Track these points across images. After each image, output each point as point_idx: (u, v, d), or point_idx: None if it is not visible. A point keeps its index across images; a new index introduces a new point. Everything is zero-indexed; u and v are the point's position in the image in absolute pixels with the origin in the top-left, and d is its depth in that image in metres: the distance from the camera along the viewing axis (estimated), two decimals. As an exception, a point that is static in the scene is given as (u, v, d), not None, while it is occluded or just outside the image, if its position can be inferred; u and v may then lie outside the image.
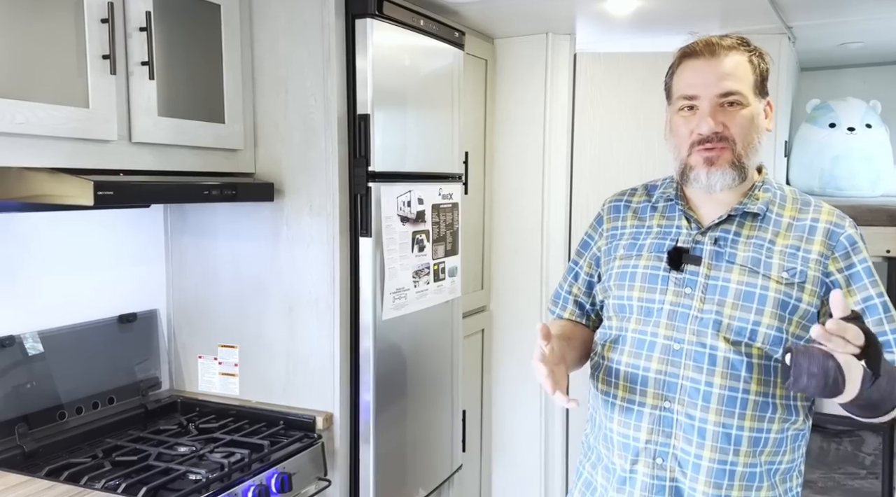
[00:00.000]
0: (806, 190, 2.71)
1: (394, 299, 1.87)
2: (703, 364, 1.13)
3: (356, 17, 1.73)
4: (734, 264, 1.15)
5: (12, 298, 1.60)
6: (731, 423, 1.12)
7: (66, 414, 1.65)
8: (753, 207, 1.17)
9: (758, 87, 1.17)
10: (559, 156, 2.52)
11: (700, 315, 1.14)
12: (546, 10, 2.22)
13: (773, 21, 2.24)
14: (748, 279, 1.13)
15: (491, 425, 2.66)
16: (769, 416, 1.13)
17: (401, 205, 1.89)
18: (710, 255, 1.17)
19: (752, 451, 1.13)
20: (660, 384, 1.16)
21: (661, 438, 1.17)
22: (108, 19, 1.38)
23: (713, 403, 1.12)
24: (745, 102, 1.14)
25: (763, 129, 1.18)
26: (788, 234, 1.16)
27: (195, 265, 1.93)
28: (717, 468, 1.13)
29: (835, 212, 1.18)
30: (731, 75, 1.14)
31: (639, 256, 1.23)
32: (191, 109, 1.61)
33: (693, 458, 1.14)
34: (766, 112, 1.20)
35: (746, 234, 1.17)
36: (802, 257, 1.14)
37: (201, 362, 1.94)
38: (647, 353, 1.18)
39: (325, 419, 1.75)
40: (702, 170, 1.16)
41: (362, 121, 1.76)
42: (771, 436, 1.13)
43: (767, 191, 1.19)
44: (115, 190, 1.34)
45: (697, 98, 1.15)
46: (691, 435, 1.14)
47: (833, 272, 1.14)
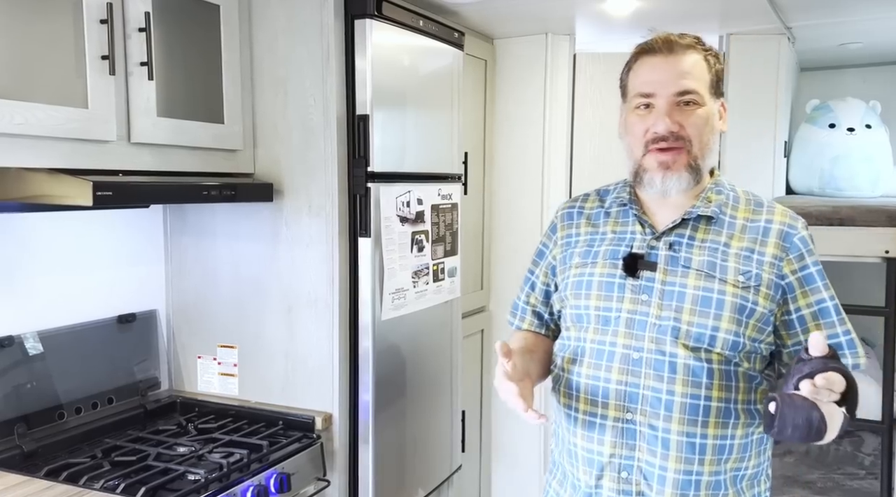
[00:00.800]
0: (806, 190, 2.72)
1: (393, 299, 1.88)
2: (664, 372, 1.11)
3: (355, 18, 1.73)
4: (690, 269, 1.13)
5: (12, 298, 1.60)
6: (694, 431, 1.10)
7: (65, 414, 1.66)
8: (707, 210, 1.15)
9: (713, 88, 1.15)
10: (559, 156, 2.53)
11: (658, 322, 1.12)
12: (545, 10, 2.22)
13: (772, 21, 2.24)
14: (705, 284, 1.11)
15: (490, 426, 2.66)
16: (732, 423, 1.11)
17: (400, 205, 1.89)
18: (665, 261, 1.14)
19: (717, 459, 1.11)
20: (621, 395, 1.14)
21: (625, 451, 1.14)
22: (107, 20, 1.38)
23: (676, 413, 1.10)
24: (702, 102, 1.12)
25: (717, 130, 1.16)
26: (743, 237, 1.14)
27: (194, 265, 1.93)
28: (683, 479, 1.11)
29: (788, 213, 1.17)
30: (689, 74, 1.12)
31: (594, 264, 1.20)
32: (190, 110, 1.61)
33: (658, 470, 1.12)
34: (721, 113, 1.18)
35: (701, 238, 1.14)
36: (757, 260, 1.12)
37: (200, 362, 1.95)
38: (607, 364, 1.15)
39: (324, 419, 1.75)
40: (657, 174, 1.14)
41: (361, 121, 1.76)
42: (735, 442, 1.12)
43: (720, 193, 1.18)
44: (114, 190, 1.34)
45: (654, 96, 1.13)
46: (655, 446, 1.12)
47: (787, 274, 1.12)
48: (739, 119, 2.47)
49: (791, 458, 2.43)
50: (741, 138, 2.47)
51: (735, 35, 2.44)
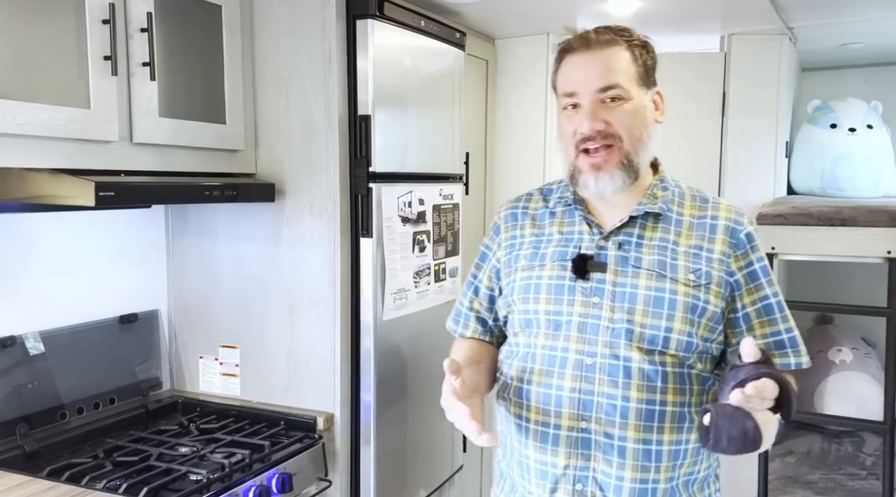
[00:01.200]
0: (807, 191, 2.72)
1: (394, 300, 1.88)
2: (619, 378, 1.07)
3: (357, 18, 1.73)
4: (640, 269, 1.09)
5: (14, 298, 1.61)
6: (650, 438, 1.07)
7: (67, 414, 1.66)
8: (654, 207, 1.12)
9: (642, 79, 1.11)
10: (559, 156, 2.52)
11: (611, 325, 1.08)
12: (546, 10, 2.22)
13: (774, 21, 2.24)
14: (656, 284, 1.08)
15: (492, 425, 2.66)
16: (687, 427, 1.08)
17: (401, 205, 1.89)
18: (615, 261, 1.11)
19: (673, 466, 1.09)
20: (575, 403, 1.09)
21: (580, 462, 1.10)
22: (109, 20, 1.38)
23: (632, 419, 1.06)
24: (627, 96, 1.09)
25: (651, 122, 1.12)
26: (691, 234, 1.11)
27: (196, 266, 1.93)
28: (640, 487, 1.08)
29: (733, 208, 1.15)
30: (610, 68, 1.08)
31: (542, 266, 1.15)
32: (192, 110, 1.61)
33: (614, 480, 1.08)
34: (657, 103, 1.14)
35: (650, 237, 1.12)
36: (706, 257, 1.10)
37: (202, 363, 1.95)
38: (559, 371, 1.10)
39: (325, 419, 1.75)
40: (590, 176, 1.10)
41: (363, 121, 1.76)
42: (689, 447, 1.09)
43: (666, 189, 1.15)
44: (116, 190, 1.35)
45: (577, 95, 1.09)
46: (611, 456, 1.08)
47: (735, 271, 1.10)
48: (741, 119, 2.47)
49: (792, 459, 2.43)
50: (743, 138, 2.47)
51: (736, 35, 2.44)
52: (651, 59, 1.13)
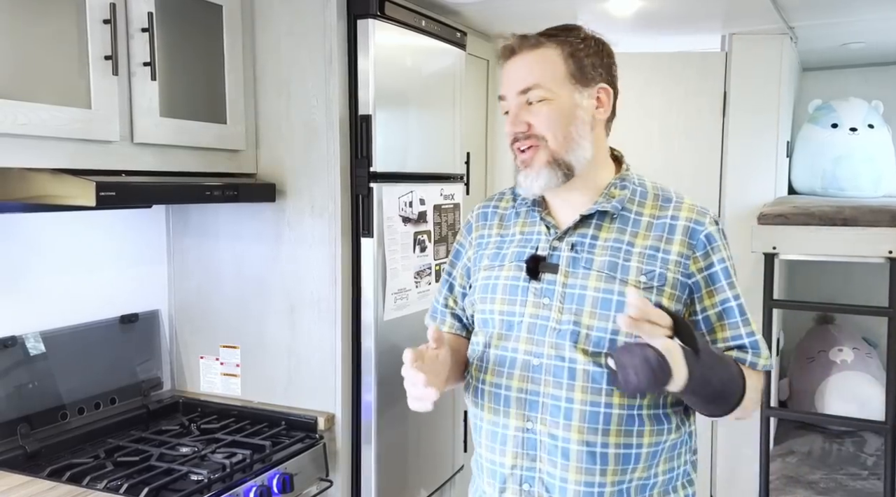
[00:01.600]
0: (808, 190, 2.72)
1: (395, 300, 1.87)
2: (563, 379, 1.06)
3: (358, 18, 1.73)
4: (591, 270, 1.08)
5: (15, 299, 1.61)
6: (595, 440, 1.05)
7: (68, 414, 1.66)
8: (607, 206, 1.10)
9: (574, 77, 1.08)
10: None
11: (558, 327, 1.08)
12: (547, 10, 2.22)
13: (775, 21, 2.23)
14: (605, 285, 1.06)
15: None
16: (637, 430, 1.06)
17: (402, 205, 1.89)
18: (567, 262, 1.10)
19: (622, 469, 1.06)
20: (521, 403, 1.09)
21: (526, 462, 1.10)
22: (110, 20, 1.38)
23: (575, 421, 1.05)
24: (551, 96, 1.07)
25: (584, 120, 1.09)
26: (648, 234, 1.09)
27: (197, 266, 1.93)
28: (585, 490, 1.06)
29: (696, 208, 1.11)
30: (531, 71, 1.08)
31: (501, 266, 1.15)
32: (192, 110, 1.61)
33: (559, 482, 1.07)
34: (601, 100, 1.10)
35: (604, 237, 1.10)
36: (662, 258, 1.07)
37: (203, 363, 1.95)
38: (509, 371, 1.11)
39: (326, 420, 1.75)
40: (520, 174, 1.11)
41: (364, 121, 1.76)
42: (643, 451, 1.07)
43: (625, 188, 1.12)
44: (117, 190, 1.35)
45: (506, 98, 1.12)
46: (555, 456, 1.07)
47: (694, 273, 1.08)
48: (742, 118, 2.47)
49: (793, 459, 2.43)
50: (744, 138, 2.47)
51: (737, 35, 2.43)
52: (591, 55, 1.10)
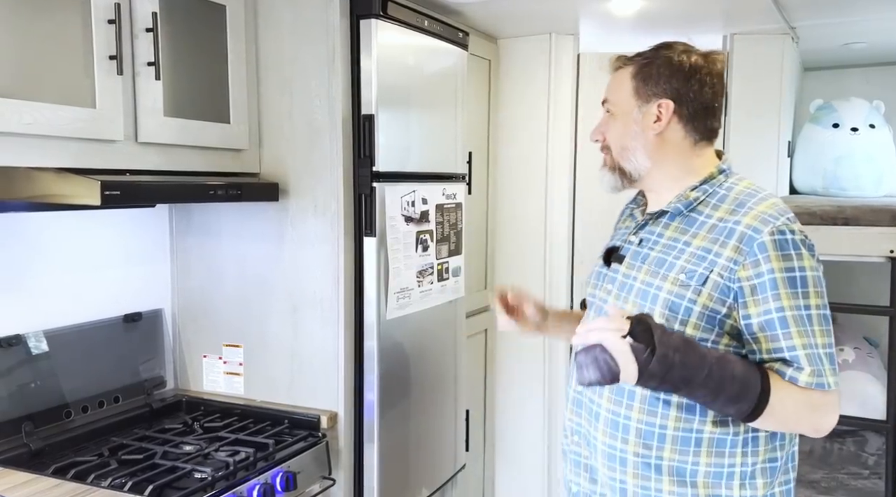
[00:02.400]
0: (809, 190, 2.72)
1: (398, 299, 1.88)
2: None
3: (360, 18, 1.74)
4: (643, 264, 1.20)
5: (18, 297, 1.61)
6: (619, 411, 1.19)
7: (71, 413, 1.66)
8: (672, 207, 1.19)
9: (636, 94, 1.20)
10: (562, 156, 2.53)
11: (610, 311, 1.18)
12: (549, 10, 2.22)
13: (776, 21, 2.24)
14: (649, 279, 1.17)
15: (494, 425, 2.67)
16: (661, 412, 1.14)
17: (405, 205, 1.90)
18: (631, 255, 1.24)
19: (643, 443, 1.16)
20: None
21: (575, 417, 1.30)
22: (114, 20, 1.39)
23: (605, 392, 1.21)
24: (616, 111, 1.24)
25: (638, 134, 1.21)
26: (707, 236, 1.14)
27: (200, 265, 1.94)
28: (609, 452, 1.21)
29: (761, 216, 1.11)
30: (609, 88, 1.26)
31: (600, 256, 1.34)
32: (196, 110, 1.61)
33: (592, 439, 1.25)
34: (658, 114, 1.19)
35: (668, 235, 1.19)
36: (711, 260, 1.11)
37: (206, 361, 1.95)
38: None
39: (329, 418, 1.76)
40: (600, 172, 1.29)
41: (367, 121, 1.77)
42: (667, 432, 1.13)
43: (703, 190, 1.18)
44: (122, 190, 1.35)
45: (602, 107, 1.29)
46: (591, 418, 1.25)
47: (741, 279, 1.09)
48: (743, 119, 2.47)
49: (795, 458, 2.43)
50: (745, 138, 2.48)
51: (738, 35, 2.44)
52: (655, 73, 1.19)
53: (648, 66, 1.20)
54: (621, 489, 1.19)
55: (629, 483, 1.17)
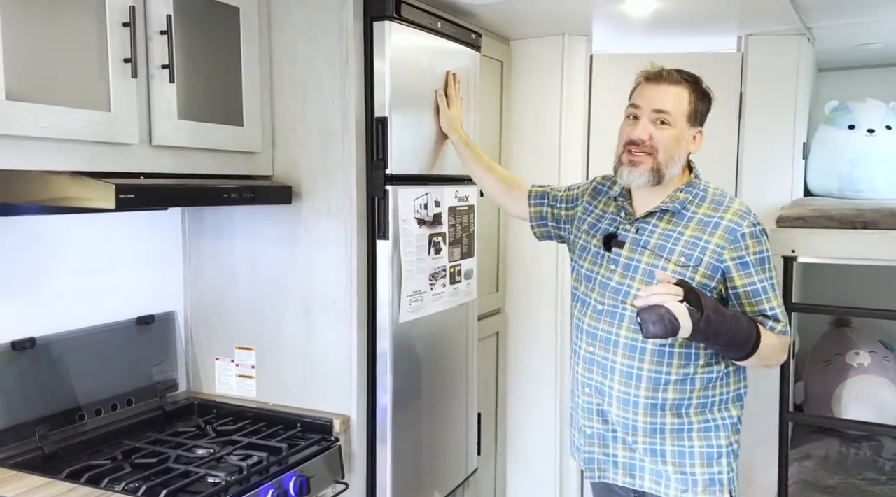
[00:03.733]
0: (825, 192, 2.69)
1: (410, 302, 1.87)
2: (615, 321, 1.50)
3: (374, 20, 1.73)
4: (646, 249, 1.47)
5: (32, 300, 1.61)
6: (632, 364, 1.47)
7: (85, 416, 1.66)
8: (670, 206, 1.47)
9: (690, 117, 1.45)
10: (575, 158, 2.51)
11: (617, 286, 1.49)
12: (563, 11, 2.21)
13: (792, 22, 2.21)
14: (653, 261, 1.46)
15: (506, 428, 2.65)
16: (667, 362, 1.45)
17: (418, 207, 1.89)
18: (631, 241, 1.50)
19: (653, 388, 1.46)
20: (589, 334, 1.54)
21: (588, 373, 1.55)
22: (129, 23, 1.38)
23: (620, 349, 1.49)
24: (673, 124, 1.43)
25: (686, 151, 1.48)
26: (696, 228, 1.45)
27: (212, 267, 1.94)
28: (623, 398, 1.49)
29: (740, 211, 1.45)
30: (668, 99, 1.43)
31: (594, 236, 1.58)
32: (210, 112, 1.61)
33: (607, 389, 1.51)
34: (696, 138, 1.48)
35: (662, 227, 1.48)
36: (702, 247, 1.43)
37: (218, 364, 1.95)
38: (584, 310, 1.57)
39: (342, 422, 1.75)
40: (626, 168, 1.46)
41: (380, 123, 1.76)
42: (671, 377, 1.45)
43: (688, 192, 1.48)
44: (137, 193, 1.35)
45: (640, 108, 1.45)
46: (605, 372, 1.51)
47: (727, 260, 1.42)
48: (758, 120, 2.45)
49: (810, 463, 2.41)
50: (760, 139, 2.45)
51: (754, 36, 2.42)
52: (704, 105, 1.47)
53: (702, 95, 1.46)
54: (633, 426, 1.49)
55: (640, 420, 1.48)
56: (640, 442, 1.50)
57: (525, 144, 2.55)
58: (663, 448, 1.49)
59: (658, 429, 1.48)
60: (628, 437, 1.52)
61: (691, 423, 1.48)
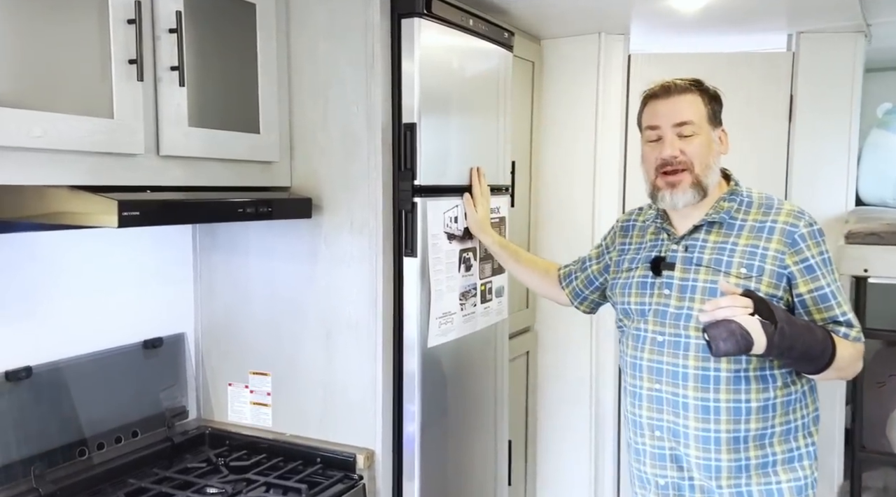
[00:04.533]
0: (878, 201, 2.51)
1: (439, 324, 1.71)
2: (679, 350, 1.37)
3: (402, 17, 1.58)
4: (701, 266, 1.37)
5: (29, 325, 1.47)
6: (707, 396, 1.35)
7: (86, 450, 1.52)
8: (716, 217, 1.39)
9: (710, 119, 1.39)
10: (611, 164, 2.35)
11: (676, 311, 1.39)
12: (602, 7, 2.05)
13: (852, 18, 2.05)
14: (712, 277, 1.35)
15: (536, 457, 2.49)
16: (744, 388, 1.33)
17: (447, 221, 1.73)
18: (681, 261, 1.40)
19: (734, 420, 1.34)
20: (651, 370, 1.42)
21: (655, 414, 1.41)
22: (135, 20, 1.24)
23: (690, 382, 1.36)
24: (699, 131, 1.37)
25: (718, 153, 1.40)
26: (750, 235, 1.36)
27: (225, 285, 1.79)
28: (703, 435, 1.35)
29: (793, 213, 1.36)
30: (685, 110, 1.37)
31: (636, 269, 1.48)
32: (223, 119, 1.47)
33: (682, 428, 1.37)
34: (721, 139, 1.42)
35: (713, 240, 1.38)
36: (761, 254, 1.33)
37: (231, 390, 1.80)
38: (641, 345, 1.44)
39: (366, 457, 1.60)
40: (666, 191, 1.38)
41: (408, 130, 1.61)
42: (752, 405, 1.34)
43: (732, 200, 1.40)
44: (142, 210, 1.20)
45: (660, 128, 1.38)
46: (677, 409, 1.38)
47: (789, 265, 1.33)
48: (810, 123, 2.28)
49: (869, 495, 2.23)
50: (812, 144, 2.29)
51: (806, 33, 2.25)
52: (717, 104, 1.41)
53: (712, 95, 1.40)
54: (715, 466, 1.35)
55: (723, 458, 1.34)
56: (725, 484, 1.36)
57: (558, 151, 2.39)
58: (749, 489, 1.35)
59: (742, 466, 1.35)
60: (710, 482, 1.37)
61: (775, 454, 1.36)
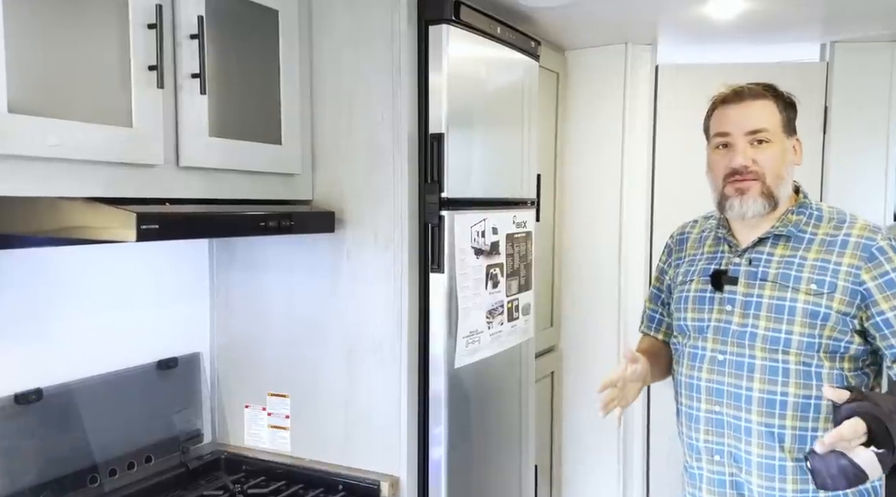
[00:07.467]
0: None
1: (467, 343, 1.64)
2: (743, 371, 1.29)
3: (430, 24, 1.52)
4: (766, 281, 1.29)
5: (40, 344, 1.40)
6: (773, 422, 1.26)
7: (98, 477, 1.44)
8: (783, 230, 1.31)
9: (785, 127, 1.30)
10: (639, 178, 2.28)
11: (739, 329, 1.30)
12: (628, 16, 1.99)
13: (889, 26, 1.98)
14: (778, 293, 1.27)
15: (561, 482, 2.39)
16: (812, 416, 1.25)
17: (475, 235, 1.66)
18: (745, 275, 1.32)
19: (798, 448, 1.25)
20: (710, 391, 1.34)
21: (714, 438, 1.34)
22: (155, 24, 1.19)
23: (754, 406, 1.28)
24: (773, 139, 1.29)
25: (792, 164, 1.32)
26: (820, 250, 1.27)
27: (243, 303, 1.72)
28: (767, 463, 1.27)
29: (868, 226, 1.28)
30: (759, 117, 1.29)
31: (691, 282, 1.40)
32: (244, 129, 1.40)
33: (744, 454, 1.30)
34: (795, 148, 1.33)
35: (780, 254, 1.30)
36: (832, 270, 1.25)
37: (248, 412, 1.72)
38: (699, 365, 1.36)
39: (390, 485, 1.51)
40: (735, 199, 1.30)
41: (435, 141, 1.54)
42: (819, 434, 1.23)
43: (801, 214, 1.32)
44: (161, 223, 1.14)
45: (730, 135, 1.30)
46: (739, 434, 1.30)
47: (866, 281, 1.23)
48: (845, 136, 2.21)
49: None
50: (847, 158, 2.21)
51: (840, 43, 2.18)
52: (792, 111, 1.33)
53: (787, 101, 1.31)
54: None
55: (788, 489, 1.26)
56: None
57: (583, 164, 2.32)
58: None
59: None
60: None
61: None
